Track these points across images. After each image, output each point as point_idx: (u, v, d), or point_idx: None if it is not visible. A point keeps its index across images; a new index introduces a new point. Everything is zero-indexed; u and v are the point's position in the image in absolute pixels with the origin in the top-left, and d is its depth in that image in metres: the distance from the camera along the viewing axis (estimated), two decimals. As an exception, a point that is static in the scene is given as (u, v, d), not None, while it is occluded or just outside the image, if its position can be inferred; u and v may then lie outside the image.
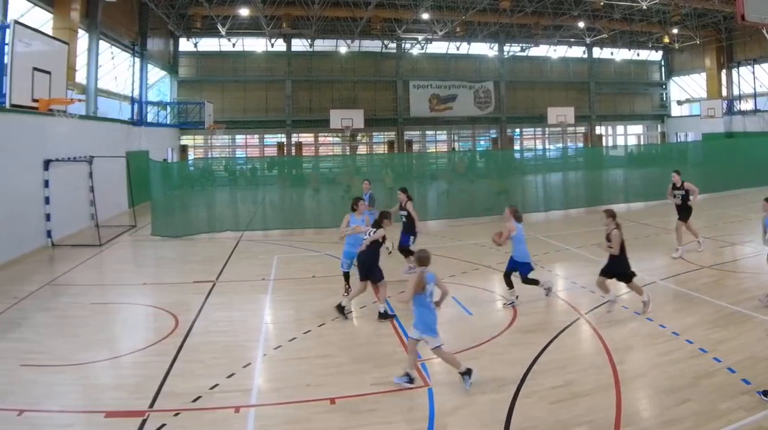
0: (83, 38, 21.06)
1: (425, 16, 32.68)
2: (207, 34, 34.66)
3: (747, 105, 38.82)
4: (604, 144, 44.54)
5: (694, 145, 35.19)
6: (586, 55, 43.85)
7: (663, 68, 46.33)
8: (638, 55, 44.13)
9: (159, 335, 8.47)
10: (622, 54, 44.10)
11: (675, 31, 37.81)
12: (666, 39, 39.98)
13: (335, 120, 36.21)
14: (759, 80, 37.76)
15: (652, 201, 20.44)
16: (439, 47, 40.34)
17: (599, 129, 45.11)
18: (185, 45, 36.39)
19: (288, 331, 8.63)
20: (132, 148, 23.36)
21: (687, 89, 44.29)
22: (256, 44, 37.48)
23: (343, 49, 38.80)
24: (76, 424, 5.90)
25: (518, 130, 44.19)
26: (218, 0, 29.74)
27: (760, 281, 9.92)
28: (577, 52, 43.60)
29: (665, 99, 46.55)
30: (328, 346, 7.97)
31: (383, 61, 40.03)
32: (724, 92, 40.22)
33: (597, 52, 43.61)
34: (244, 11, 30.99)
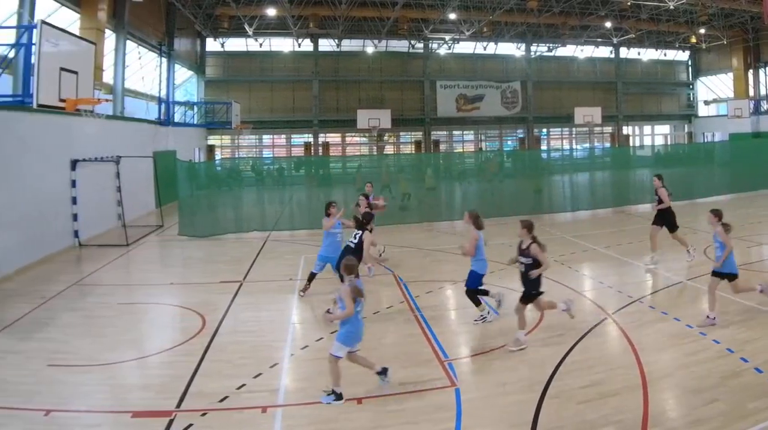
0: (110, 38, 21.21)
1: (452, 16, 32.61)
2: (234, 34, 34.81)
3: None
4: (631, 144, 44.08)
5: (721, 145, 34.88)
6: (613, 55, 43.35)
7: (690, 68, 45.68)
8: (665, 55, 43.34)
9: (186, 335, 8.44)
10: (649, 54, 43.47)
11: (702, 31, 37.39)
12: (693, 39, 39.54)
13: (362, 120, 36.14)
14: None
15: (679, 201, 19.82)
16: (466, 47, 40.07)
17: (626, 129, 44.69)
18: (212, 45, 36.63)
19: (315, 331, 8.58)
20: (159, 148, 23.49)
21: (714, 89, 43.57)
22: (283, 44, 37.60)
23: (370, 49, 38.73)
24: (104, 424, 5.88)
25: (545, 130, 43.97)
26: (245, 0, 29.77)
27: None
28: (604, 52, 43.14)
29: (692, 99, 45.89)
30: (355, 346, 7.84)
31: (410, 61, 39.93)
32: (751, 92, 39.63)
33: (624, 52, 43.05)
34: (271, 11, 31.14)
